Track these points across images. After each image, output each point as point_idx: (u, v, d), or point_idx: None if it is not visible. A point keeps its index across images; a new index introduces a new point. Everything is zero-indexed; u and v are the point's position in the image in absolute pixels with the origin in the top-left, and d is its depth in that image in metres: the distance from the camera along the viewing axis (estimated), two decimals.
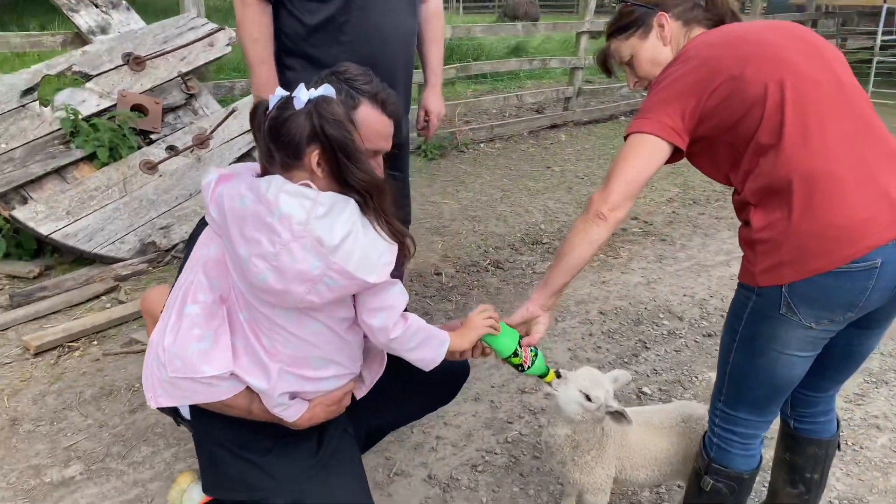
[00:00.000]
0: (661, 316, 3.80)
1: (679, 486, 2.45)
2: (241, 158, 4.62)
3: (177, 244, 4.12)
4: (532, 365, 1.87)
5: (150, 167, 4.21)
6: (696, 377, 3.25)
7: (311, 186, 1.52)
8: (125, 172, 4.11)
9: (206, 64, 4.75)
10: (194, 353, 1.55)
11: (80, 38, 4.41)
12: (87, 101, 4.18)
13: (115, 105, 4.25)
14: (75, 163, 4.05)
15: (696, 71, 1.67)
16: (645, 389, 3.12)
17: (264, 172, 1.61)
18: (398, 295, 1.62)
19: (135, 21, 4.58)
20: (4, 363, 3.02)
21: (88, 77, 4.24)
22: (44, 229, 3.75)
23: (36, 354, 3.08)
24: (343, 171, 1.53)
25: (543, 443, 2.06)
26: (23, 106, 3.96)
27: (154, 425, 2.67)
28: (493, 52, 11.25)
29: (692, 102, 1.66)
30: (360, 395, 1.89)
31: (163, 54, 4.48)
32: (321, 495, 1.76)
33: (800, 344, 1.63)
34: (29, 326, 3.32)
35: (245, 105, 4.79)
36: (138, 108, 4.34)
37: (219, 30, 4.75)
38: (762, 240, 1.60)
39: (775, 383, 1.71)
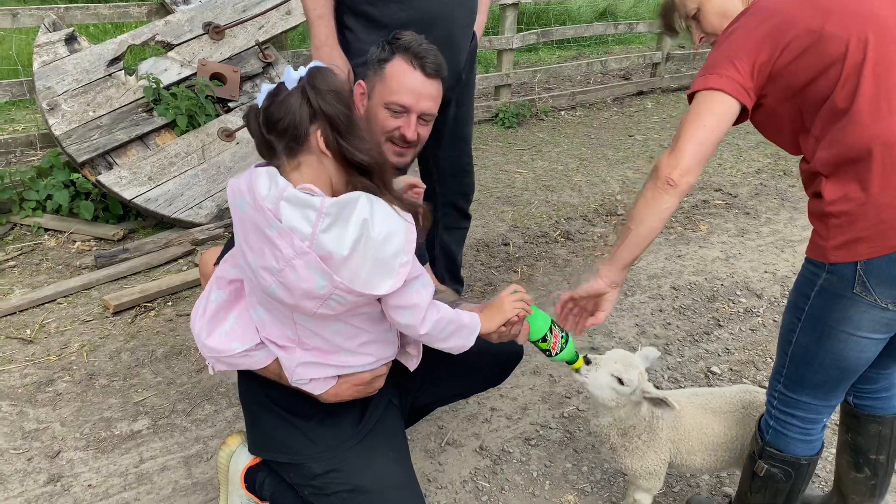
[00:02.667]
0: (739, 293, 3.63)
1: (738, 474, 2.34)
2: None
3: None
4: (561, 351, 1.78)
5: (228, 135, 4.32)
6: (772, 358, 3.09)
7: (313, 192, 1.43)
8: (204, 140, 4.24)
9: (283, 32, 4.81)
10: (222, 335, 1.59)
11: (165, 8, 4.54)
12: (169, 69, 4.31)
13: (195, 74, 4.36)
14: (157, 130, 4.19)
15: (768, 21, 1.52)
16: (714, 369, 2.99)
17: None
18: (421, 290, 1.52)
19: None
20: (87, 321, 3.19)
21: (170, 46, 4.37)
22: (127, 194, 3.92)
23: (115, 313, 3.23)
24: (342, 149, 1.45)
25: (592, 434, 1.99)
26: (109, 75, 4.13)
27: (218, 385, 2.76)
28: (580, 17, 10.92)
29: (762, 57, 1.52)
30: (412, 367, 1.85)
31: (241, 23, 4.56)
32: (359, 465, 1.77)
33: (873, 325, 1.51)
34: (111, 286, 3.48)
35: None
36: (217, 77, 4.45)
37: None
38: (836, 213, 1.47)
39: (843, 366, 1.58)
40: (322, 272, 1.38)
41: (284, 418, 1.81)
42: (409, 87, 1.82)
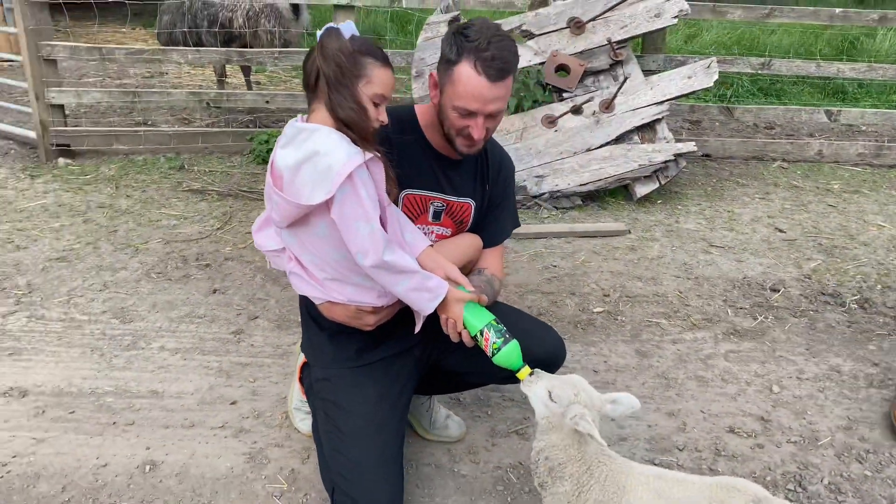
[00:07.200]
0: None
1: None
2: (639, 128, 4.64)
3: (542, 194, 4.47)
4: (493, 355, 1.76)
5: (551, 121, 4.60)
6: None
7: (298, 119, 1.79)
8: (527, 122, 4.60)
9: (647, 34, 4.84)
10: (265, 234, 2.01)
11: (546, 1, 4.97)
12: (522, 56, 4.74)
13: (544, 63, 4.72)
14: None
15: None
16: None
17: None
18: (363, 219, 1.70)
19: None
20: None
21: (532, 36, 4.80)
22: None
23: None
24: (330, 102, 1.72)
25: (529, 460, 1.82)
26: None
27: None
28: None
29: None
30: (416, 327, 1.93)
31: (602, 15, 4.71)
32: (346, 385, 2.01)
33: None
34: None
35: (662, 79, 4.74)
36: (563, 68, 4.73)
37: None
38: None
39: None
40: (269, 171, 1.79)
41: (310, 325, 2.13)
42: (475, 95, 1.85)
